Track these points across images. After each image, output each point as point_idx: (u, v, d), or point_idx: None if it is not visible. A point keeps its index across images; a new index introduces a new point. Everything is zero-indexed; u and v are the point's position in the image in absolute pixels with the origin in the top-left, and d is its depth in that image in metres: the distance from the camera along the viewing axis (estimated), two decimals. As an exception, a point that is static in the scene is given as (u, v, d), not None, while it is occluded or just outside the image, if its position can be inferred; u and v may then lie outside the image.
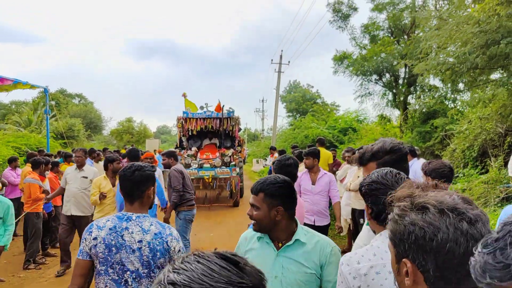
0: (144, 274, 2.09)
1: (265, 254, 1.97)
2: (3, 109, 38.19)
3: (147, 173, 2.19)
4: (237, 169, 11.44)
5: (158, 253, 2.09)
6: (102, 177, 5.45)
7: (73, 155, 6.92)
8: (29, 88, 9.52)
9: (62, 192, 6.08)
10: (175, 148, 12.38)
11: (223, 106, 12.01)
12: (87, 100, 48.26)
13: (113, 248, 2.07)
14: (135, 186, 2.16)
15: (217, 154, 11.48)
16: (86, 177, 5.92)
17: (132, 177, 2.16)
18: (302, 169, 5.74)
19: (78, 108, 39.21)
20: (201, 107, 12.38)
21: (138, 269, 2.08)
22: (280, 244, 1.96)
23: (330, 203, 5.48)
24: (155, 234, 2.10)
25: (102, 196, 5.21)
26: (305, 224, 4.94)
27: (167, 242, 2.12)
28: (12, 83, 8.65)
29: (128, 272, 2.08)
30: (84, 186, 5.88)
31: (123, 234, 2.08)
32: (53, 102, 37.30)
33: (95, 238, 2.09)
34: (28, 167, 7.15)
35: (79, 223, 5.80)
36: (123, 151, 11.14)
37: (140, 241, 2.08)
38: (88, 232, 2.13)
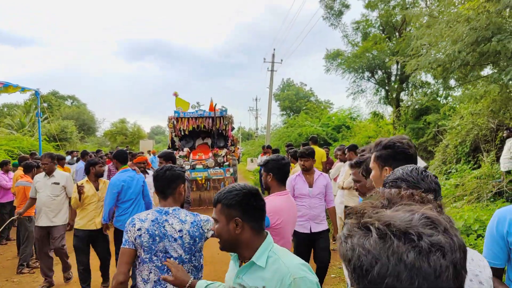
0: (186, 260, 2.36)
1: (230, 275, 1.78)
2: (-5, 112, 37.91)
3: (177, 172, 2.47)
4: (231, 169, 11.23)
5: (197, 239, 2.39)
6: (85, 180, 5.18)
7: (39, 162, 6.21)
8: (20, 91, 9.44)
9: (33, 203, 5.63)
10: (168, 149, 11.85)
11: (215, 104, 11.73)
12: (80, 102, 48.00)
13: (157, 238, 2.31)
14: (167, 184, 2.43)
15: (210, 154, 11.21)
16: (58, 183, 5.48)
17: (164, 176, 2.43)
18: (296, 170, 5.63)
19: (71, 110, 38.97)
20: (193, 106, 12.11)
21: (181, 255, 2.34)
22: (243, 263, 1.72)
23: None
24: (191, 223, 2.39)
25: (81, 189, 4.93)
26: (300, 234, 4.56)
27: (201, 227, 2.41)
28: (2, 86, 8.59)
29: (171, 259, 2.30)
30: (56, 192, 5.45)
31: (164, 225, 2.33)
32: (45, 104, 37.08)
33: (139, 229, 2.31)
34: (20, 171, 7.11)
35: (52, 233, 5.43)
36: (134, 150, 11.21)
37: (180, 231, 2.35)
38: (131, 224, 2.33)
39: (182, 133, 12.19)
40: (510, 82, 7.25)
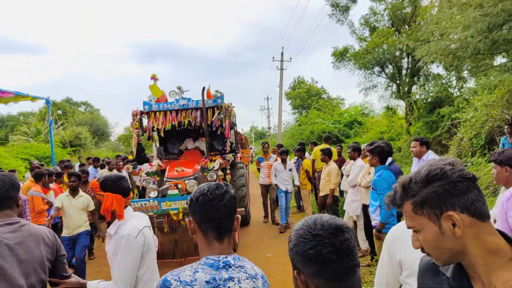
0: None
1: None
2: (12, 120, 38.65)
3: (235, 198, 1.60)
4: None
5: None
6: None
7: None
8: (31, 100, 9.55)
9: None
10: (132, 161, 8.33)
11: (205, 88, 7.57)
12: (93, 108, 48.62)
13: None
14: (226, 216, 1.53)
15: (198, 167, 7.26)
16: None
17: (222, 203, 1.51)
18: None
19: (84, 116, 39.47)
20: (172, 94, 8.17)
21: None
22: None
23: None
24: (261, 277, 1.60)
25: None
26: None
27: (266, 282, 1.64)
28: (12, 96, 8.69)
29: None
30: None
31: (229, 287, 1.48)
32: (59, 111, 37.65)
33: None
34: (29, 181, 7.16)
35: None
36: (130, 157, 9.99)
37: None
38: None
39: (160, 134, 8.68)
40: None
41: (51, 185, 7.00)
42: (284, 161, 8.49)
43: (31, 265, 1.94)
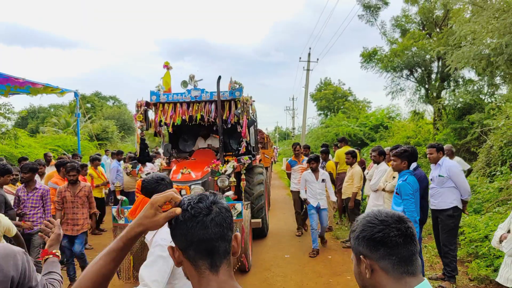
0: None
1: None
2: (43, 112, 39.82)
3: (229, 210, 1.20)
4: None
5: None
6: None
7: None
8: (60, 92, 9.79)
9: None
10: (133, 160, 7.11)
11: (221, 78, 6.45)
12: (121, 102, 49.51)
13: None
14: (218, 236, 1.13)
15: (208, 168, 6.34)
16: None
17: (209, 218, 1.13)
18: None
19: (112, 110, 40.24)
20: (183, 84, 7.01)
21: None
22: None
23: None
24: None
25: None
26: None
27: None
28: (42, 87, 8.94)
29: None
30: None
31: None
32: (88, 105, 38.54)
33: None
34: (51, 172, 7.34)
35: None
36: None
37: None
38: None
39: (167, 129, 7.86)
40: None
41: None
42: (315, 170, 7.01)
43: None
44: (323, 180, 6.95)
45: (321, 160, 8.20)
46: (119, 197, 5.72)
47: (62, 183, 6.38)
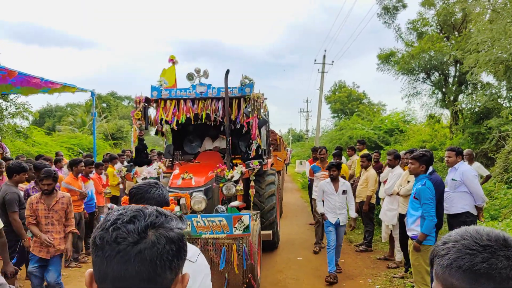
0: None
1: None
2: (60, 111, 40.41)
3: (176, 236, 0.85)
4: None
5: None
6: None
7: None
8: (76, 91, 9.92)
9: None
10: (128, 163, 6.97)
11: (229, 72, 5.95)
12: (136, 102, 49.93)
13: None
14: (143, 278, 0.80)
15: (213, 173, 5.57)
16: None
17: (136, 249, 0.80)
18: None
19: (127, 110, 40.63)
20: (189, 77, 6.26)
21: None
22: None
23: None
24: None
25: None
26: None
27: None
28: (60, 87, 9.08)
29: None
30: None
31: None
32: (104, 104, 38.95)
33: None
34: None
35: None
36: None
37: None
38: None
39: (170, 127, 6.90)
40: None
41: (91, 175, 7.20)
42: (335, 179, 5.86)
43: None
44: (343, 192, 5.83)
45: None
46: (109, 205, 5.37)
47: (75, 183, 6.43)
